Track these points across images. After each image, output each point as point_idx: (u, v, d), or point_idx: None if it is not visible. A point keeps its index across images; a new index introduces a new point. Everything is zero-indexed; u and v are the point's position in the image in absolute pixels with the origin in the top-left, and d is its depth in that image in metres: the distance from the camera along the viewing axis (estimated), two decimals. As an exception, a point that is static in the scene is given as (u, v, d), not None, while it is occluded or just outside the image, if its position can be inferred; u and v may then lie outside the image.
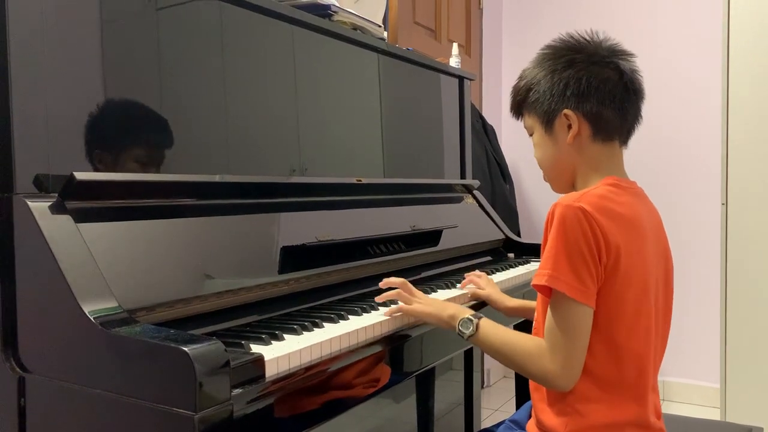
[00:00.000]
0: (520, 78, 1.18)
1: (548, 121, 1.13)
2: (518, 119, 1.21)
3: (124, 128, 1.11)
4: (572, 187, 1.16)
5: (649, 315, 1.07)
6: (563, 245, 1.01)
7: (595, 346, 1.04)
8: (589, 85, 1.09)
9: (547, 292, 1.04)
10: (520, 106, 1.19)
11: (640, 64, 1.15)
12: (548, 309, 1.04)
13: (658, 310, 1.11)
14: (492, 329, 1.12)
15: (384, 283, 1.28)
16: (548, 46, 1.16)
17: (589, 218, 1.00)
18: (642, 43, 3.09)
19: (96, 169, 1.05)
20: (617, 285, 1.03)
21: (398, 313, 1.20)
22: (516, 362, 1.08)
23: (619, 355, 1.05)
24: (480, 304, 1.46)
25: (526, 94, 1.16)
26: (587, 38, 1.14)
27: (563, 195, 1.07)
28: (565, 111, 1.11)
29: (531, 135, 1.19)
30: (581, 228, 1.00)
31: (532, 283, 1.06)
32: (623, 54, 1.13)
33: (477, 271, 1.55)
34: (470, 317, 1.14)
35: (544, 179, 1.21)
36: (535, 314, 1.16)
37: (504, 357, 1.10)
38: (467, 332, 1.13)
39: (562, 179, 1.17)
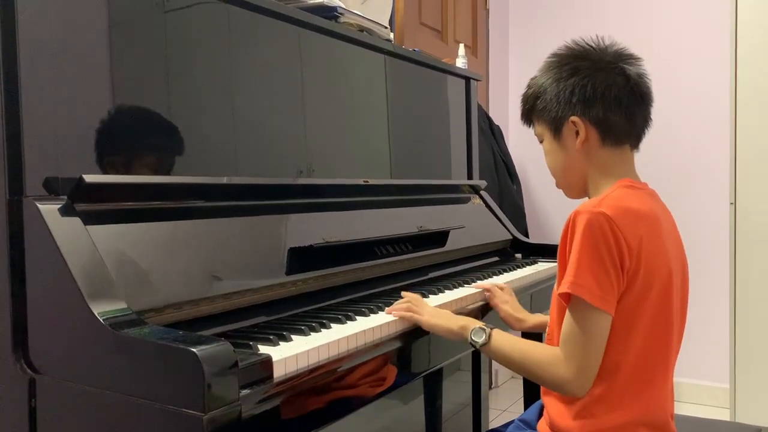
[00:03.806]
0: (528, 86, 1.20)
1: (556, 129, 1.14)
2: (529, 127, 1.23)
3: (132, 131, 1.12)
4: (585, 192, 1.17)
5: (670, 317, 1.07)
6: (585, 252, 1.01)
7: (614, 349, 1.03)
8: (595, 92, 1.09)
9: (567, 298, 1.04)
10: (529, 114, 1.20)
11: (647, 63, 1.15)
12: (566, 315, 1.04)
13: (677, 311, 1.11)
14: (504, 338, 1.12)
15: (403, 294, 1.28)
16: (554, 54, 1.17)
17: (611, 223, 1.00)
18: (649, 43, 3.08)
19: (105, 172, 1.06)
20: (638, 287, 1.03)
21: (407, 314, 1.20)
22: (529, 370, 1.08)
23: (637, 358, 1.05)
24: (487, 314, 1.45)
25: (534, 102, 1.17)
26: (592, 45, 1.14)
27: (582, 202, 1.07)
28: (572, 118, 1.11)
29: (541, 142, 1.20)
30: (603, 234, 1.00)
31: (558, 292, 1.06)
32: (629, 58, 1.13)
33: (501, 284, 1.51)
34: (482, 327, 1.14)
35: (557, 186, 1.21)
36: (549, 322, 1.16)
37: (517, 365, 1.10)
38: (480, 341, 1.13)
39: (574, 186, 1.18)
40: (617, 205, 1.03)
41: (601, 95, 1.09)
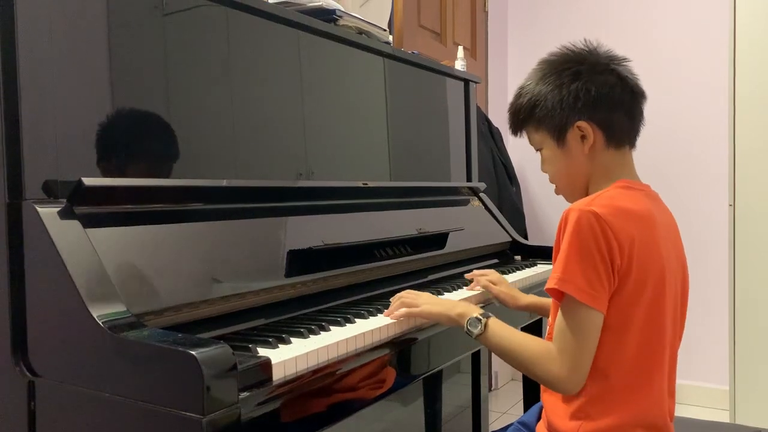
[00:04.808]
0: (520, 95, 1.17)
1: (560, 136, 1.13)
2: (517, 136, 1.21)
3: (131, 134, 1.12)
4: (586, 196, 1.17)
5: (663, 317, 1.07)
6: (575, 250, 1.01)
7: (609, 349, 1.04)
8: (599, 94, 1.10)
9: (559, 296, 1.04)
10: (523, 123, 1.18)
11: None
12: (558, 312, 1.05)
13: (675, 312, 1.11)
14: (500, 329, 1.12)
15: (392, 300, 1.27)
16: (546, 61, 1.16)
17: (601, 222, 1.00)
18: (647, 44, 3.09)
19: (104, 175, 1.06)
20: (631, 286, 1.03)
21: (403, 311, 1.20)
22: (523, 363, 1.09)
23: (631, 359, 1.05)
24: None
25: (530, 112, 1.15)
26: (584, 48, 1.15)
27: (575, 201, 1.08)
28: (578, 123, 1.11)
29: (538, 150, 1.19)
30: (593, 233, 1.00)
31: (545, 288, 1.06)
32: (617, 59, 1.14)
33: (484, 270, 1.54)
34: (479, 316, 1.14)
35: (558, 192, 1.20)
36: (549, 320, 1.16)
37: (511, 358, 1.10)
38: (475, 331, 1.13)
39: (577, 191, 1.17)
40: (608, 204, 1.03)
41: (605, 97, 1.10)
